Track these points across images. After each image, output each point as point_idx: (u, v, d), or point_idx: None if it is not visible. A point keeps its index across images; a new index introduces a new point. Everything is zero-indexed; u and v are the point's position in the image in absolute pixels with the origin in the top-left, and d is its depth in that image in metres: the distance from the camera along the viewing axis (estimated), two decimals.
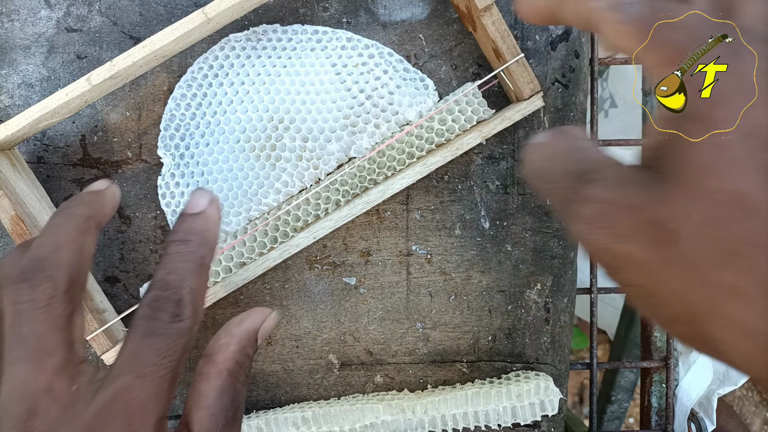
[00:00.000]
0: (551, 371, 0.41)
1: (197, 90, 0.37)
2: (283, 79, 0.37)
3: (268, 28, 0.37)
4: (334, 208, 0.37)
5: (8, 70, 0.38)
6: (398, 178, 0.36)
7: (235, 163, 0.36)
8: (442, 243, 0.40)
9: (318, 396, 0.40)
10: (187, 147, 0.37)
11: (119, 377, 0.25)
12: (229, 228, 0.36)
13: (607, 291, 0.44)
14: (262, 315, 0.32)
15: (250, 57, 0.37)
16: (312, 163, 0.36)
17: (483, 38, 0.37)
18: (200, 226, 0.29)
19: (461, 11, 0.37)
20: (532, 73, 0.36)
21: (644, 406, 0.45)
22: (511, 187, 0.40)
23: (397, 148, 0.37)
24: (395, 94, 0.37)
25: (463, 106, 0.37)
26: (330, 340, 0.40)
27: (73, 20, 0.38)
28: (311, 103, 0.36)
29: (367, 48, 0.37)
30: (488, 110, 0.37)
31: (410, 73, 0.37)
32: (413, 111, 0.37)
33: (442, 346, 0.40)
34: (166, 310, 0.27)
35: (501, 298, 0.40)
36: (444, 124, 0.37)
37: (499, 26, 0.35)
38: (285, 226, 0.36)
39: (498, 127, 0.36)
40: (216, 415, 0.29)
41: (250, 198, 0.36)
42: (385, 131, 0.37)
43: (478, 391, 0.38)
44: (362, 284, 0.40)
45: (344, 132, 0.36)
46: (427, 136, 0.37)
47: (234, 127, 0.37)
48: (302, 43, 0.37)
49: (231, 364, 0.30)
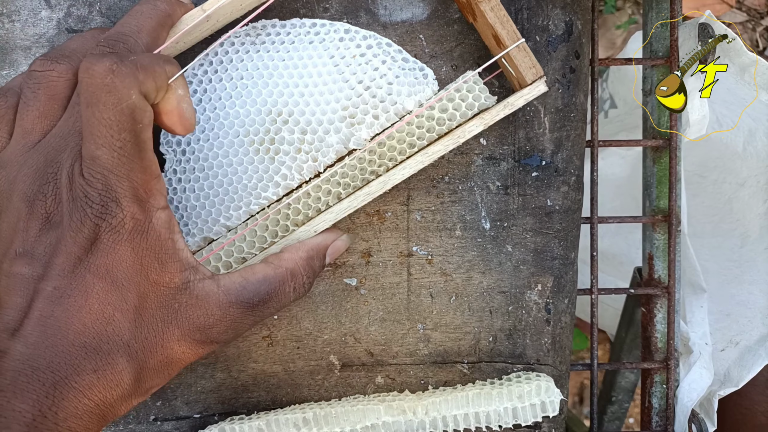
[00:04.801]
0: (552, 372, 0.41)
1: (197, 86, 0.37)
2: (281, 72, 0.37)
3: (267, 23, 0.37)
4: (335, 201, 0.36)
5: (9, 70, 0.38)
6: (399, 168, 0.35)
7: (235, 158, 0.36)
8: (443, 244, 0.40)
9: (319, 397, 0.40)
10: (188, 143, 0.37)
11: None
12: (230, 222, 0.36)
13: (607, 292, 0.44)
14: (334, 234, 0.36)
15: (249, 52, 0.37)
16: (311, 156, 0.36)
17: (483, 26, 0.36)
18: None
19: (460, 2, 0.37)
20: (534, 58, 0.35)
21: (645, 407, 0.45)
22: (511, 188, 0.40)
23: (398, 137, 0.36)
24: (394, 84, 0.36)
25: (464, 93, 0.36)
26: (331, 341, 0.40)
27: (74, 21, 0.38)
28: (310, 95, 0.36)
29: (365, 39, 0.37)
30: (490, 97, 0.36)
31: (409, 63, 0.37)
32: (412, 100, 0.36)
33: (442, 347, 0.40)
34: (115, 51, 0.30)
35: (502, 298, 0.40)
36: (445, 112, 0.36)
37: (498, 12, 0.35)
38: (286, 220, 0.36)
39: (500, 114, 0.35)
40: (239, 298, 0.31)
41: (250, 192, 0.36)
42: (385, 122, 0.36)
43: (478, 392, 0.38)
44: (363, 285, 0.40)
45: (343, 124, 0.36)
46: (428, 124, 0.36)
47: (234, 122, 0.37)
48: (300, 37, 0.37)
49: (292, 264, 0.33)
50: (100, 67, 0.27)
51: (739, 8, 1.26)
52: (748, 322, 0.57)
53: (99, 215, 0.28)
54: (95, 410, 0.28)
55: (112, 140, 0.28)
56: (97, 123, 0.27)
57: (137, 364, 0.30)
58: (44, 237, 0.29)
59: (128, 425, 0.39)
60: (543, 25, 0.39)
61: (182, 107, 0.30)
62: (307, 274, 0.34)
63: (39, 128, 0.32)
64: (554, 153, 0.40)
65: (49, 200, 0.29)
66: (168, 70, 0.29)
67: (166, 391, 0.39)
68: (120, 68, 0.27)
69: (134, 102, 0.28)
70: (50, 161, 0.30)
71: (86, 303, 0.28)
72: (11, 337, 0.28)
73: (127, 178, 0.28)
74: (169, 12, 0.33)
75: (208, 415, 0.40)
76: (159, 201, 0.30)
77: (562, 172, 0.40)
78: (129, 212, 0.29)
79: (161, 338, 0.30)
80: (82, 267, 0.29)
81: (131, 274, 0.29)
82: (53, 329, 0.28)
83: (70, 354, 0.28)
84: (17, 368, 0.27)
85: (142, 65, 0.28)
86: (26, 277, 0.29)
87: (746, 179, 0.64)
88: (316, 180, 0.36)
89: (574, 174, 0.40)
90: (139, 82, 0.28)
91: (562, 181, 0.40)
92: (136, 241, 0.29)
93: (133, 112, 0.28)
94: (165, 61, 0.30)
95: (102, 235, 0.29)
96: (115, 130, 0.27)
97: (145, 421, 0.39)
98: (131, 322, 0.29)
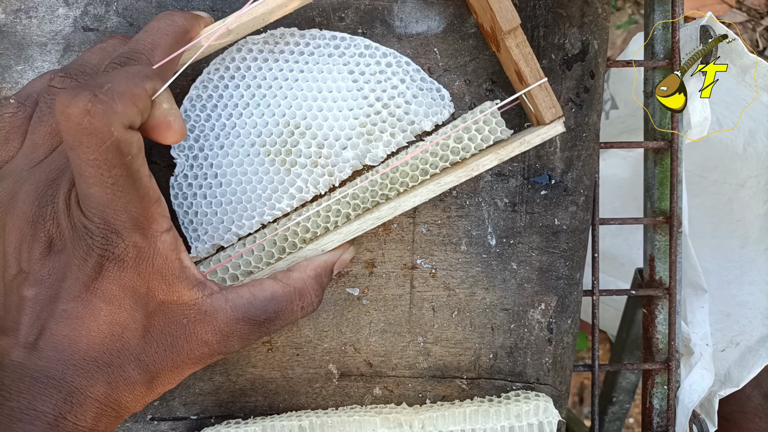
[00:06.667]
0: (551, 392, 0.41)
1: (213, 92, 0.37)
2: (300, 84, 0.37)
3: (286, 32, 0.37)
4: (344, 221, 0.36)
5: (24, 66, 0.38)
6: (410, 195, 0.35)
7: (249, 167, 0.36)
8: (448, 258, 0.40)
9: (316, 405, 0.40)
10: (201, 149, 0.37)
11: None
12: (242, 231, 0.36)
13: (609, 293, 0.44)
14: (341, 249, 0.36)
15: (267, 60, 0.37)
16: (327, 170, 0.36)
17: (506, 60, 0.36)
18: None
19: (485, 30, 0.37)
20: (555, 98, 0.35)
21: (646, 408, 0.45)
22: (519, 205, 0.39)
23: (411, 164, 0.36)
24: (412, 104, 0.36)
25: (480, 125, 0.36)
26: (330, 349, 0.40)
27: (90, 19, 0.38)
28: (327, 109, 0.36)
29: (384, 56, 0.37)
30: (506, 130, 0.36)
31: (427, 83, 0.37)
32: (429, 121, 0.37)
33: (442, 362, 0.40)
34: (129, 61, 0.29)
35: (504, 316, 0.40)
36: (460, 143, 0.37)
37: (523, 49, 0.35)
38: (294, 237, 0.36)
39: (516, 150, 0.35)
40: (246, 315, 0.32)
41: (264, 202, 0.36)
42: (401, 140, 0.36)
43: (476, 409, 0.38)
44: (365, 295, 0.40)
45: (360, 140, 0.36)
46: (442, 153, 0.37)
47: (249, 131, 0.36)
48: (320, 49, 0.37)
49: (300, 284, 0.34)
50: (75, 110, 0.25)
51: (739, 8, 1.25)
52: (749, 322, 0.57)
53: (102, 246, 0.28)
54: (111, 413, 0.30)
55: (102, 179, 0.27)
56: (84, 164, 0.26)
57: (148, 374, 0.31)
58: (48, 261, 0.29)
59: (125, 423, 0.39)
60: (559, 43, 0.38)
61: (169, 120, 0.29)
62: (315, 293, 0.34)
63: (48, 145, 0.32)
64: (564, 172, 0.39)
65: (48, 224, 0.29)
66: (149, 88, 0.28)
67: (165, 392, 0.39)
68: (95, 107, 0.25)
69: (118, 138, 0.26)
70: (51, 181, 0.30)
71: (95, 325, 0.29)
72: (29, 352, 0.29)
73: (125, 210, 0.28)
74: (187, 28, 0.32)
75: (204, 417, 0.40)
76: (161, 225, 0.30)
77: (572, 191, 0.40)
78: (131, 242, 0.29)
79: (170, 352, 0.31)
80: (90, 293, 0.29)
81: (138, 297, 0.30)
82: (65, 346, 0.29)
83: (83, 368, 0.29)
84: (34, 377, 0.28)
85: (120, 94, 0.26)
86: (36, 299, 0.29)
87: (746, 180, 0.63)
88: (327, 199, 0.36)
89: (584, 194, 0.40)
90: (119, 115, 0.26)
91: (570, 201, 0.40)
92: (142, 267, 0.30)
93: (118, 148, 0.26)
94: (144, 77, 0.28)
95: (107, 264, 0.29)
96: (104, 168, 0.27)
97: (142, 420, 0.40)
98: (140, 339, 0.30)
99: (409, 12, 0.38)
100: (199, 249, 0.36)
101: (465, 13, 0.38)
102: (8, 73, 0.38)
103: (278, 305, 0.33)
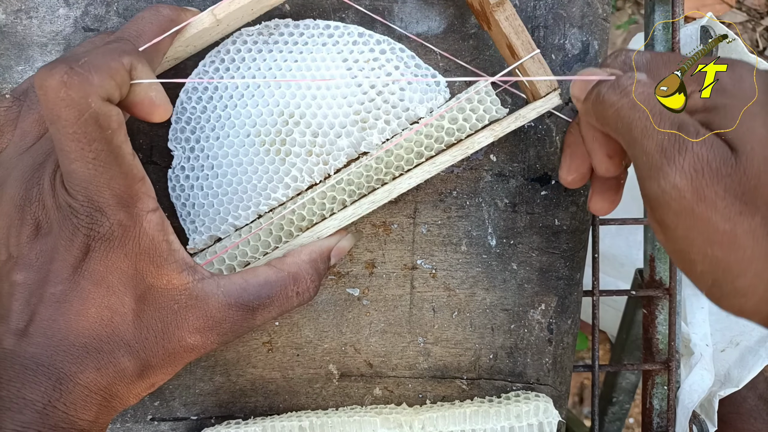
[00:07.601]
0: (551, 392, 0.41)
1: (208, 83, 0.37)
2: (294, 73, 0.36)
3: (280, 23, 0.37)
4: (339, 208, 0.36)
5: (24, 66, 0.38)
6: (405, 177, 0.35)
7: (245, 157, 0.36)
8: (448, 258, 0.40)
9: (316, 405, 0.40)
10: (197, 140, 0.37)
11: None
12: (238, 222, 0.36)
13: (609, 293, 0.44)
14: (338, 236, 0.36)
15: (261, 51, 0.37)
16: (321, 159, 0.36)
17: (497, 36, 0.36)
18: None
19: (476, 10, 0.36)
20: (549, 70, 0.34)
21: (646, 408, 0.45)
22: (519, 205, 0.39)
23: (406, 147, 0.36)
24: (406, 90, 0.36)
25: (475, 105, 0.36)
26: (331, 350, 0.40)
27: (91, 20, 0.38)
28: (322, 98, 0.36)
29: (378, 43, 0.37)
30: (501, 109, 0.36)
31: (422, 70, 0.37)
32: (424, 107, 0.36)
33: (442, 362, 0.40)
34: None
35: (504, 316, 0.40)
36: (455, 123, 0.36)
37: (513, 21, 0.34)
38: (290, 225, 0.36)
39: (511, 126, 0.35)
40: (239, 301, 0.31)
41: (260, 192, 0.36)
42: (396, 127, 0.36)
43: (476, 410, 0.38)
44: (365, 296, 0.40)
45: (354, 128, 0.36)
46: (437, 134, 0.36)
47: (245, 121, 0.36)
48: (314, 38, 0.37)
49: (295, 268, 0.33)
50: (52, 81, 0.26)
51: (739, 8, 1.25)
52: (749, 322, 0.57)
53: (87, 225, 0.28)
54: (102, 402, 0.30)
55: (83, 153, 0.27)
56: (65, 138, 0.27)
57: (140, 362, 0.30)
58: (36, 244, 0.29)
59: (125, 423, 0.39)
60: (560, 44, 0.38)
61: (151, 96, 0.29)
62: (311, 278, 0.33)
63: (35, 132, 0.32)
64: None
65: (35, 206, 0.29)
66: (126, 62, 0.28)
67: (165, 392, 0.39)
68: (71, 79, 0.26)
69: (96, 110, 0.26)
70: (37, 165, 0.30)
71: (84, 308, 0.29)
72: (19, 339, 0.29)
73: (108, 186, 0.28)
74: (173, 18, 0.32)
75: (205, 418, 0.40)
76: (147, 204, 0.30)
77: (571, 192, 0.39)
78: (115, 220, 0.29)
79: (161, 339, 0.30)
80: (78, 274, 0.29)
81: (126, 279, 0.29)
82: (54, 332, 0.29)
83: (72, 354, 0.29)
84: (24, 364, 0.28)
85: (96, 66, 0.26)
86: (26, 284, 0.29)
87: None
88: (323, 185, 0.36)
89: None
90: (96, 87, 0.26)
91: (570, 201, 0.40)
92: (129, 246, 0.29)
93: (97, 120, 0.27)
94: (121, 52, 0.28)
95: (93, 244, 0.29)
96: (85, 142, 0.27)
97: (142, 420, 0.40)
98: (130, 324, 0.30)
99: (409, 12, 0.38)
100: (197, 241, 0.36)
101: (465, 14, 0.38)
102: (9, 73, 0.38)
103: (272, 290, 0.32)
